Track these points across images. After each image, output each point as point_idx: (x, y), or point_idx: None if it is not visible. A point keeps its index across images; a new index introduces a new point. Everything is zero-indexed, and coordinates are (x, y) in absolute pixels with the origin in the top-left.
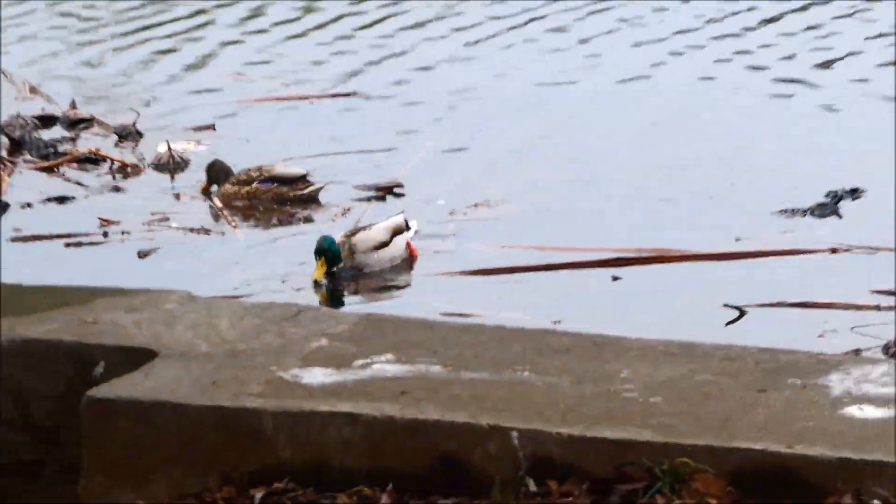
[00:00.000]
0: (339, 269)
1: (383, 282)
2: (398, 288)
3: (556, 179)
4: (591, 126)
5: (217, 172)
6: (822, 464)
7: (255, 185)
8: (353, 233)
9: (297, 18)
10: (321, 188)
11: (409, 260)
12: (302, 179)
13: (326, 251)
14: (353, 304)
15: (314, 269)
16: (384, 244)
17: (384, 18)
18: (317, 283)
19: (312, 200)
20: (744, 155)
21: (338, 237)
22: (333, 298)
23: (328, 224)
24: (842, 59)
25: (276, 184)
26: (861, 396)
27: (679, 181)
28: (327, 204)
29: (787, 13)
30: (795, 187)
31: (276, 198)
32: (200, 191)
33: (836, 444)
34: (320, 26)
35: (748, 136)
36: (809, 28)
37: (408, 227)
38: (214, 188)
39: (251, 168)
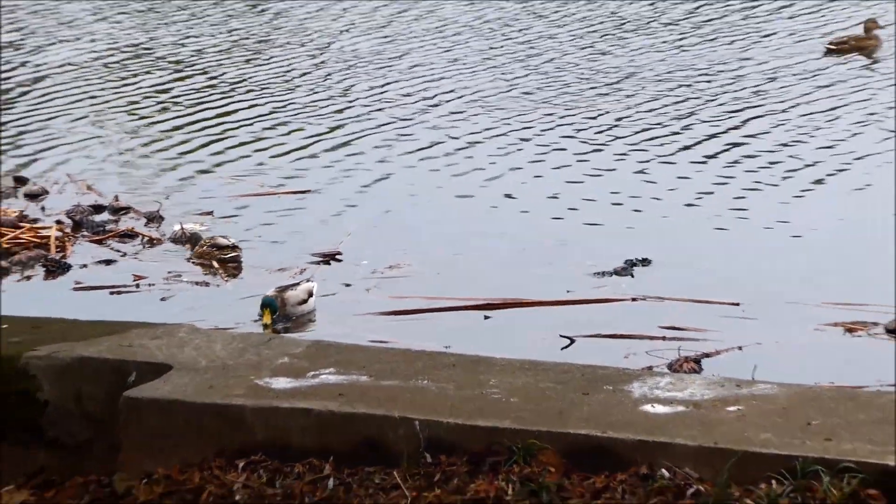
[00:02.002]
0: (276, 317)
1: (322, 321)
2: (337, 324)
3: (446, 252)
4: (468, 218)
5: (191, 241)
6: (627, 444)
7: (205, 248)
8: (284, 289)
9: (272, 137)
10: (238, 255)
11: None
12: (229, 247)
13: (269, 305)
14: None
15: (263, 317)
16: (304, 301)
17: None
18: (266, 326)
19: (235, 261)
20: (566, 237)
21: (272, 291)
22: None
23: (289, 279)
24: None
25: (214, 249)
26: (653, 398)
27: (526, 253)
28: (289, 266)
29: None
30: (604, 257)
31: (213, 258)
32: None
33: (636, 431)
34: (284, 144)
35: (568, 224)
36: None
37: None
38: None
39: (206, 238)
